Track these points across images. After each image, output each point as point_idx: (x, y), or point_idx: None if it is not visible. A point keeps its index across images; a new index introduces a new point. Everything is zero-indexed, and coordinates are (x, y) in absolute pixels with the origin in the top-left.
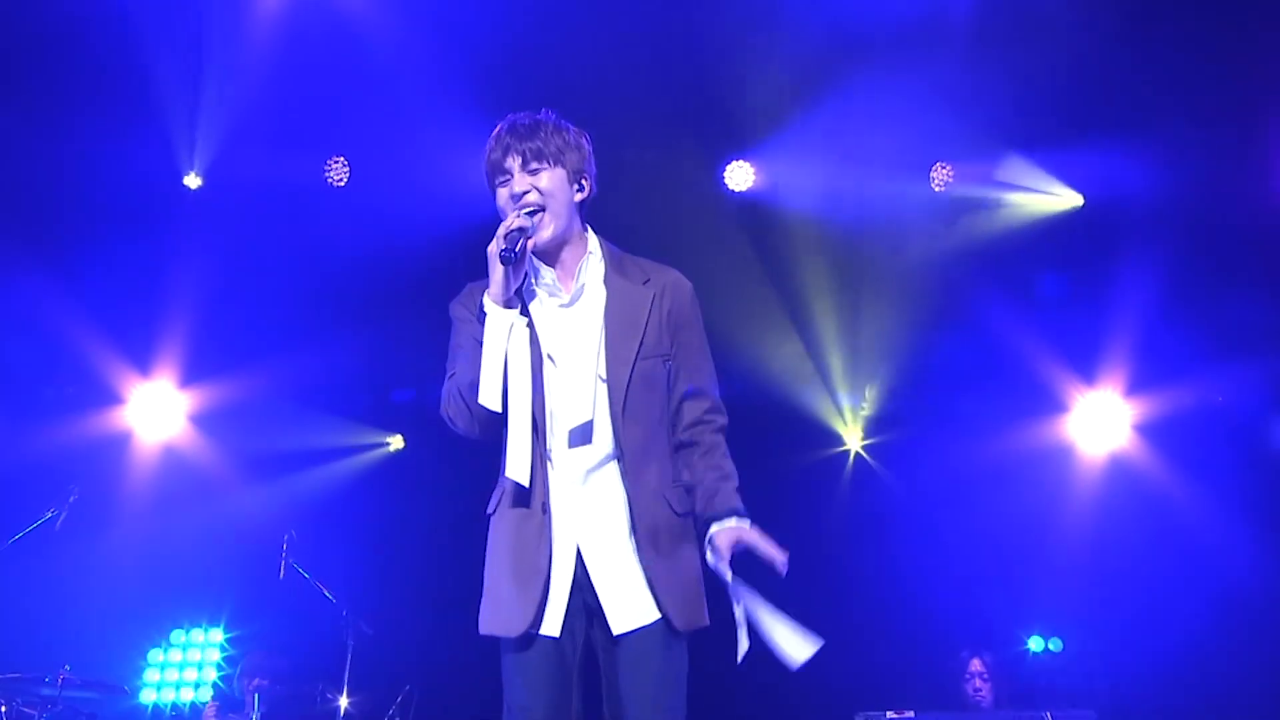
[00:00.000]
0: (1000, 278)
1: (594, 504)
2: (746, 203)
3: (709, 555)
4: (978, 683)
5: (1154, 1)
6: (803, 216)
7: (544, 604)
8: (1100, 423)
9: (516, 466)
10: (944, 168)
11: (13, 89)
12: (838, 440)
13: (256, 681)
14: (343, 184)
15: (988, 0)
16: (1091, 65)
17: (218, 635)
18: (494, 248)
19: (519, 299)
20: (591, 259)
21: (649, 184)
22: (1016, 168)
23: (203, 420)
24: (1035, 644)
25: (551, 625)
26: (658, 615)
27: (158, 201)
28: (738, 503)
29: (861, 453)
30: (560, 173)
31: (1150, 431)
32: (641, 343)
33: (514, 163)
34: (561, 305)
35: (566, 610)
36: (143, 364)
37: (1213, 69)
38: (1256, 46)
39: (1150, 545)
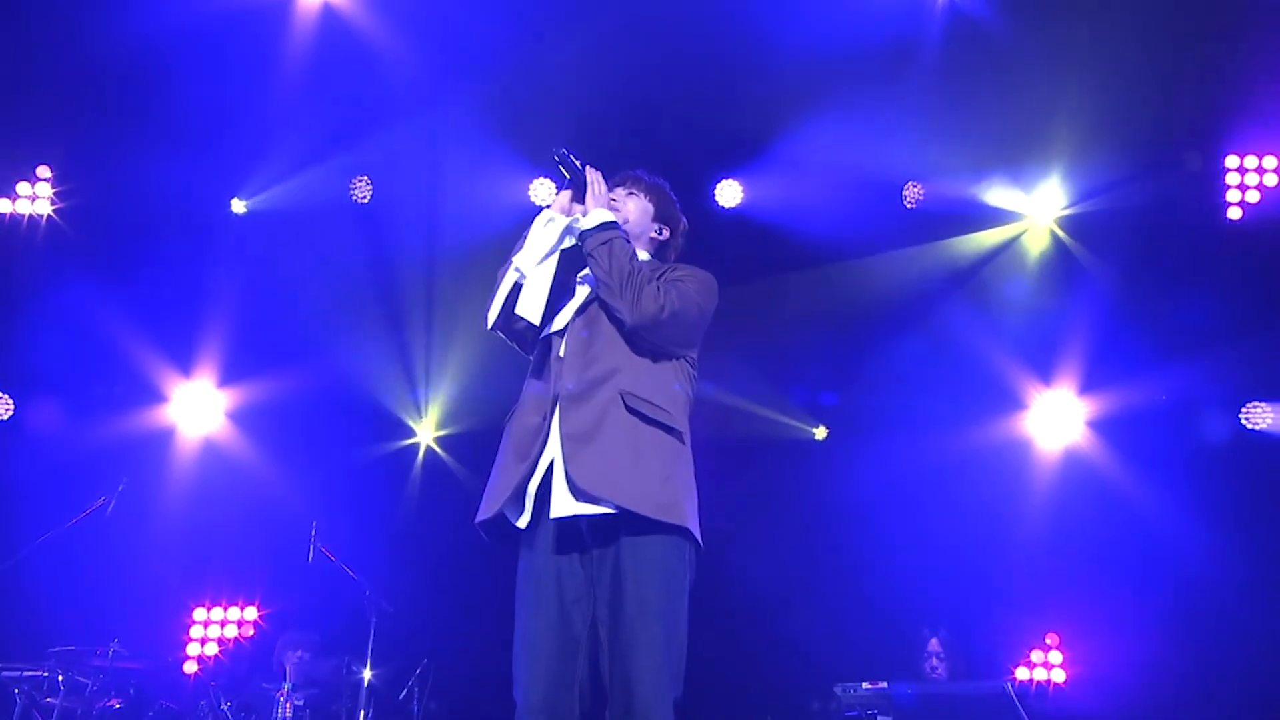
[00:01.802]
0: (965, 286)
1: (575, 410)
2: (735, 218)
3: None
4: (934, 661)
5: (1107, 32)
6: (787, 230)
7: (524, 489)
8: (1056, 419)
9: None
10: (915, 186)
11: (84, 122)
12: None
13: (294, 653)
14: (366, 201)
15: (953, 33)
16: (1049, 91)
17: (253, 612)
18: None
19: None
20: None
21: None
22: (982, 186)
23: (239, 417)
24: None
25: (525, 516)
26: (576, 510)
27: (202, 220)
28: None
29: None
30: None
31: (1102, 427)
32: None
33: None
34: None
35: (539, 500)
36: (185, 365)
37: (1162, 94)
38: (1202, 74)
39: (1103, 532)
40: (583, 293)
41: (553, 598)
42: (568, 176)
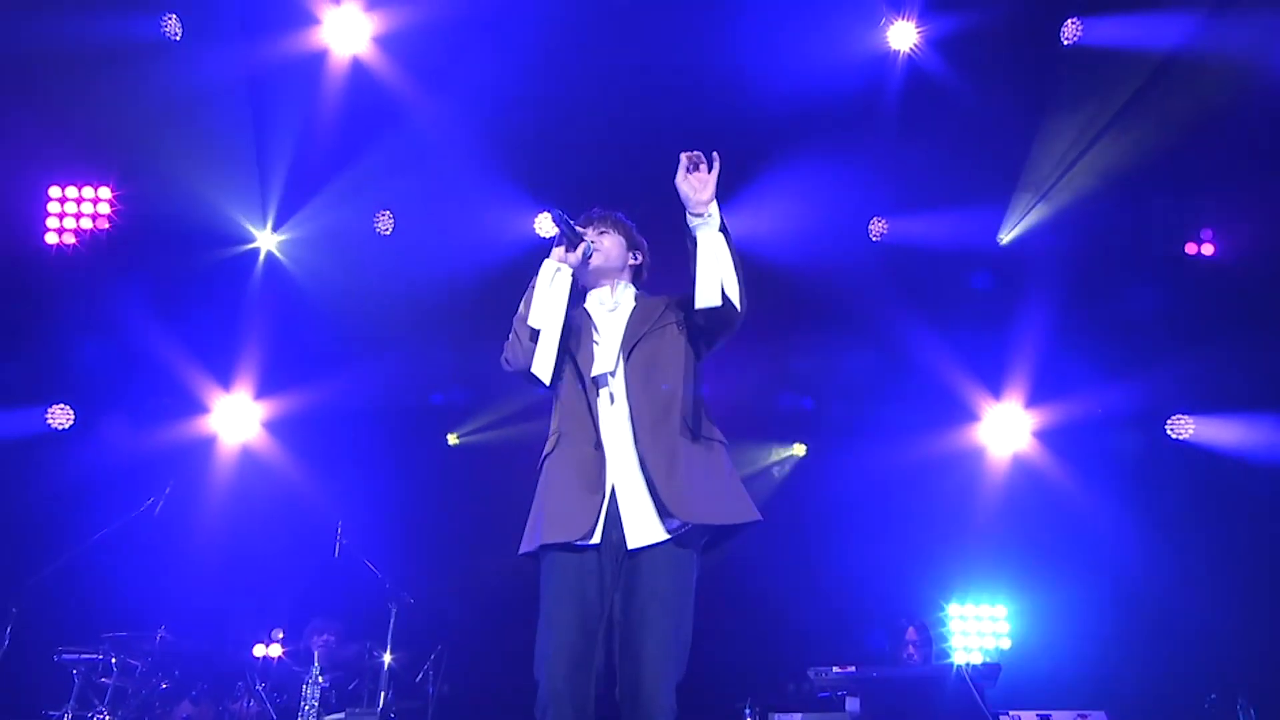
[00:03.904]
0: (924, 309)
1: (623, 442)
2: None
3: (694, 221)
4: (910, 649)
5: (1049, 88)
6: (767, 260)
7: (598, 515)
8: (1005, 429)
9: (569, 408)
10: (880, 221)
11: (142, 157)
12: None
13: (322, 639)
14: (389, 232)
15: (911, 87)
16: (997, 138)
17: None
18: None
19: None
20: (629, 292)
21: (642, 231)
22: (938, 220)
23: (274, 426)
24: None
25: (597, 535)
26: (665, 535)
27: (241, 249)
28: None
29: (815, 454)
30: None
31: (1046, 437)
32: (652, 324)
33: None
34: (609, 310)
35: (603, 529)
36: (225, 380)
37: (1099, 140)
38: (1139, 123)
39: (1047, 529)
40: (616, 333)
41: (578, 590)
42: (562, 234)
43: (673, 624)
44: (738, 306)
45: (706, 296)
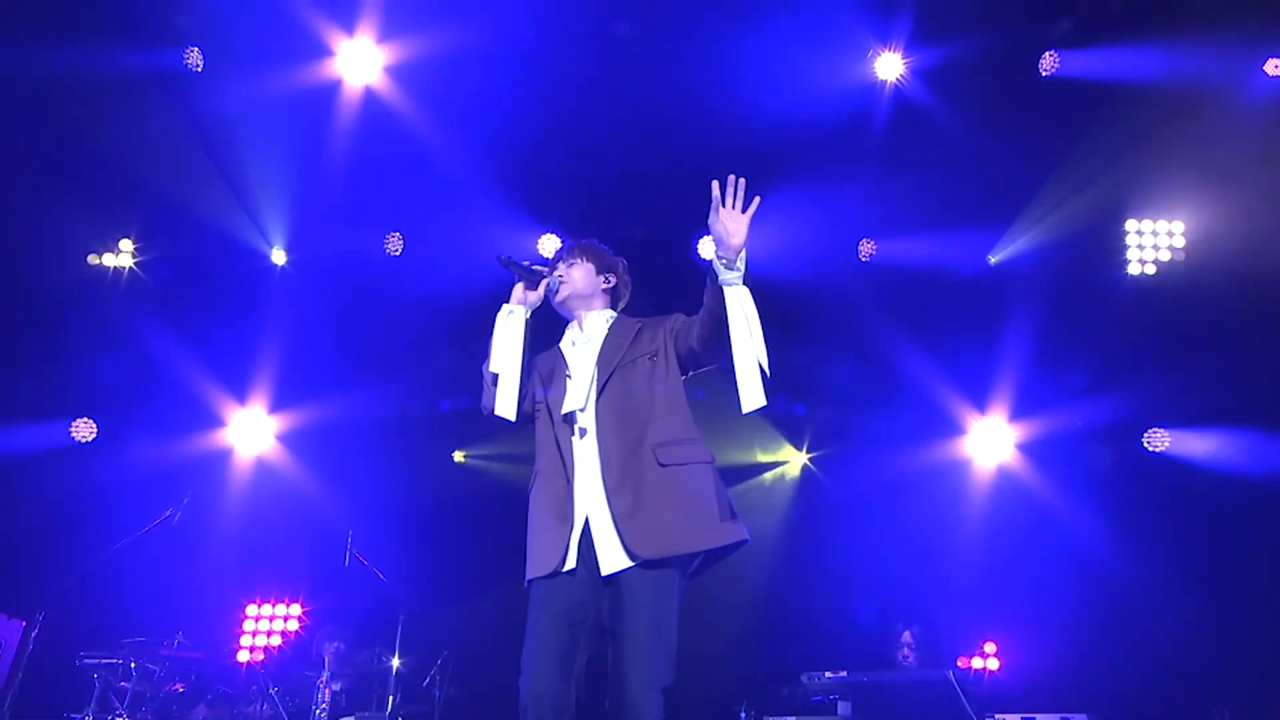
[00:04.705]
0: (913, 327)
1: (593, 477)
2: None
3: (721, 268)
4: (906, 650)
5: (1027, 116)
6: (760, 281)
7: (567, 546)
8: (990, 442)
9: (544, 446)
10: (869, 242)
11: (161, 184)
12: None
13: (333, 645)
14: (398, 253)
15: (897, 116)
16: (980, 164)
17: (297, 609)
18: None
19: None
20: (601, 318)
21: (637, 255)
22: (924, 242)
23: (288, 439)
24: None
25: (570, 562)
26: (630, 562)
27: (256, 270)
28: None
29: (809, 464)
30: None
31: (1029, 449)
32: (622, 357)
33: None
34: (581, 345)
35: (577, 556)
36: (240, 394)
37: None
38: (1111, 153)
39: (1030, 537)
40: (586, 369)
41: (561, 607)
42: (517, 275)
43: (653, 633)
44: (768, 373)
45: (750, 399)
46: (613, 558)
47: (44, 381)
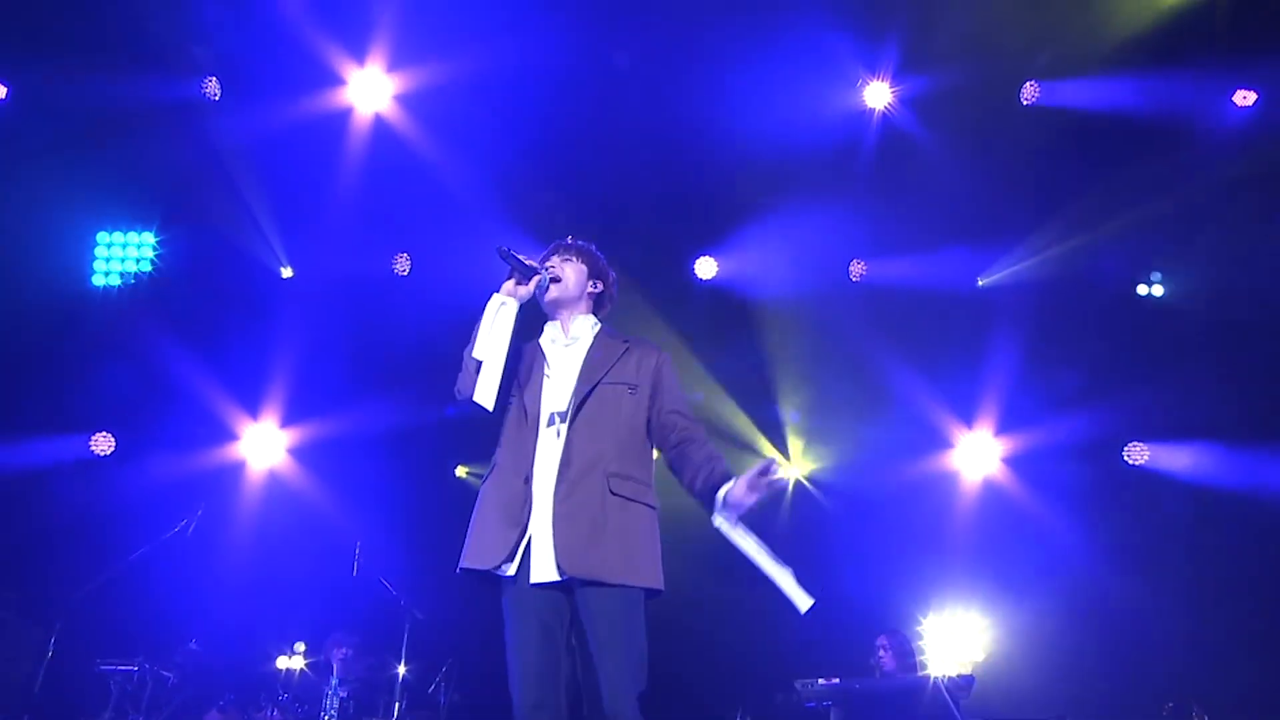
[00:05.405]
0: (901, 344)
1: (548, 482)
2: (711, 288)
3: (722, 515)
4: (881, 653)
5: (1009, 142)
6: (755, 299)
7: (515, 549)
8: (977, 456)
9: (508, 438)
10: (859, 263)
11: (180, 207)
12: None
13: (341, 652)
14: (406, 273)
15: (885, 142)
16: (965, 188)
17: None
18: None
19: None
20: (586, 323)
21: (636, 273)
22: (913, 262)
23: (299, 453)
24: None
25: (512, 567)
26: (558, 576)
27: (268, 289)
28: (729, 469)
29: (802, 480)
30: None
31: (1014, 462)
32: (607, 373)
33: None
34: (564, 345)
35: (520, 563)
36: (253, 409)
37: (1061, 189)
38: (1096, 175)
39: (1014, 547)
40: (571, 372)
41: (533, 618)
42: (512, 269)
43: (625, 642)
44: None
45: (801, 603)
46: (544, 567)
47: (64, 397)
